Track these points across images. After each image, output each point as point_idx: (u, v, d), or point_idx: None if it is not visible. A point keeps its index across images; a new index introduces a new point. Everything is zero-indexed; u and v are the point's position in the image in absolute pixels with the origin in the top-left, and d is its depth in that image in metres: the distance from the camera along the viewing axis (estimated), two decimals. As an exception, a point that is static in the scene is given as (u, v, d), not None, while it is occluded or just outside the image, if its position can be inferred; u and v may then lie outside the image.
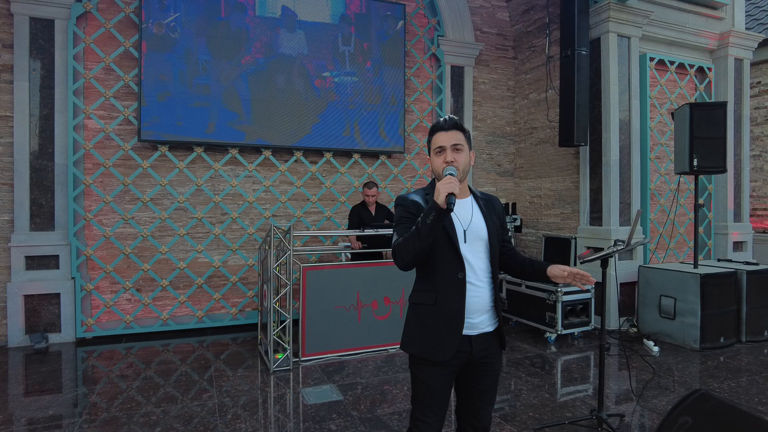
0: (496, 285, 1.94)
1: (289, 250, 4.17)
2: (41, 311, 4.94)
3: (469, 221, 1.89)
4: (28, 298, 4.88)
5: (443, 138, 1.86)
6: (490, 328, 1.90)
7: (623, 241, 3.16)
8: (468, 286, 1.84)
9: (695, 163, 4.76)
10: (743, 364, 4.40)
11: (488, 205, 1.99)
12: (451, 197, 1.66)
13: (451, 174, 1.75)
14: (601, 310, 3.12)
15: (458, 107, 6.70)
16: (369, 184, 5.23)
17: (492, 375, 1.93)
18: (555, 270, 1.91)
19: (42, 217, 4.96)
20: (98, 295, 5.14)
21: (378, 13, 6.05)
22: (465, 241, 1.86)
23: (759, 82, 7.77)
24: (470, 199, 1.96)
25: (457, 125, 1.88)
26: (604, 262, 2.99)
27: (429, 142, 1.95)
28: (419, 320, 1.90)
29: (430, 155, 1.94)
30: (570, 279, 1.88)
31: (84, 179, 5.10)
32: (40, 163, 4.95)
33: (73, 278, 5.01)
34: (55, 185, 4.98)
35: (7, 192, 4.91)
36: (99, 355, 4.83)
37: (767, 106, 7.74)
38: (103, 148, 5.19)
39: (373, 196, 5.22)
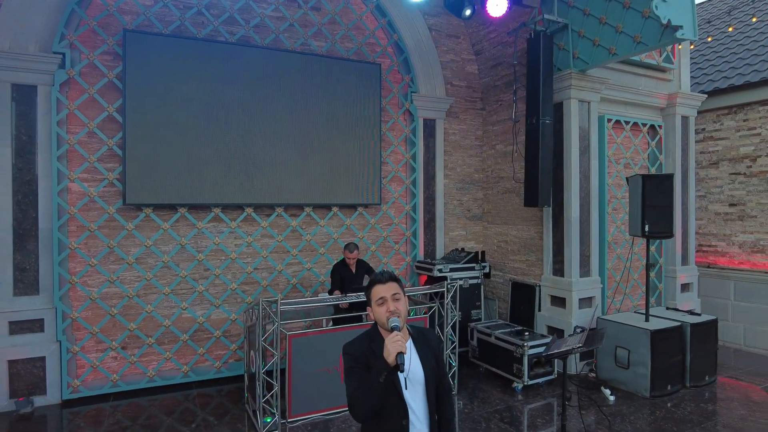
0: (433, 421, 2.10)
1: (277, 321, 4.42)
2: (26, 375, 4.99)
3: (408, 367, 1.96)
4: (12, 363, 4.93)
5: (383, 290, 2.06)
6: None
7: (582, 328, 3.56)
8: (411, 429, 2.02)
9: (647, 229, 5.27)
10: (688, 412, 4.91)
11: (423, 342, 2.16)
12: (401, 357, 1.84)
13: (397, 327, 1.95)
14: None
15: (430, 157, 7.07)
16: (350, 247, 5.51)
17: None
18: None
19: (26, 282, 5.02)
20: (84, 356, 5.24)
21: (355, 72, 6.33)
22: (406, 388, 2.01)
23: (704, 129, 8.44)
24: (409, 343, 2.09)
25: (393, 278, 2.12)
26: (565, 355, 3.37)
27: (368, 293, 2.12)
28: None
29: (371, 305, 2.11)
30: None
31: (69, 243, 5.19)
32: (24, 228, 5.00)
33: (58, 341, 5.10)
34: (40, 250, 5.04)
35: (-10, 258, 4.95)
36: (85, 415, 4.97)
37: (711, 151, 8.42)
38: (88, 210, 5.28)
39: (353, 258, 5.50)
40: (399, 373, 1.91)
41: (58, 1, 5.08)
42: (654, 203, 5.32)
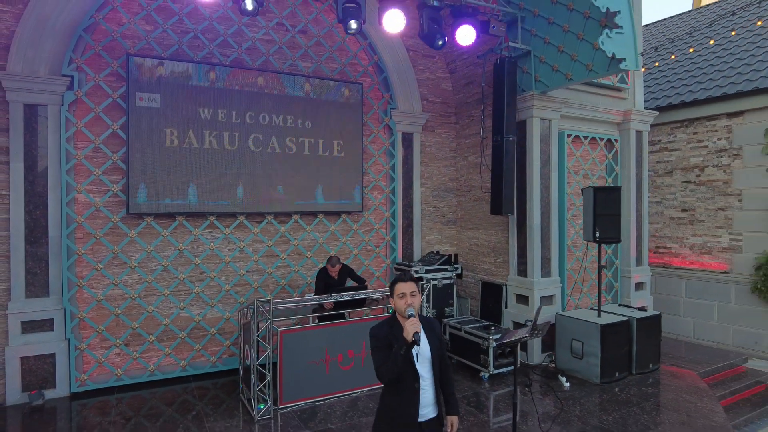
0: (437, 386, 2.83)
1: (269, 318, 4.98)
2: (37, 370, 5.45)
3: (420, 347, 2.69)
4: (25, 359, 5.38)
5: (404, 287, 2.74)
6: (432, 415, 2.81)
7: (531, 320, 4.20)
8: (421, 392, 2.73)
9: (597, 235, 5.96)
10: (630, 395, 5.62)
11: (429, 329, 2.83)
12: (417, 335, 2.56)
13: (412, 314, 2.64)
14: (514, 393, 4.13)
15: (408, 168, 7.69)
16: (332, 261, 6.07)
17: None
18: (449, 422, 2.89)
19: (37, 285, 5.49)
20: (90, 352, 5.73)
21: (338, 91, 6.92)
22: (418, 361, 2.71)
23: (660, 140, 9.23)
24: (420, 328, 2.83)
25: (412, 279, 2.81)
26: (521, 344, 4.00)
27: (392, 289, 2.79)
28: (389, 412, 2.79)
29: (393, 297, 2.77)
30: None
31: (76, 249, 5.67)
32: (35, 236, 5.46)
33: (67, 339, 5.57)
34: (49, 256, 5.51)
35: (3, 263, 5.40)
36: (92, 406, 5.44)
37: (666, 161, 9.20)
38: (94, 219, 5.77)
39: (335, 271, 6.08)
40: (414, 347, 2.61)
41: (67, 27, 5.56)
42: (604, 212, 6.02)
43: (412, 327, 2.57)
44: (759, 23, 7.62)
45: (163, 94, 5.90)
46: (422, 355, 2.75)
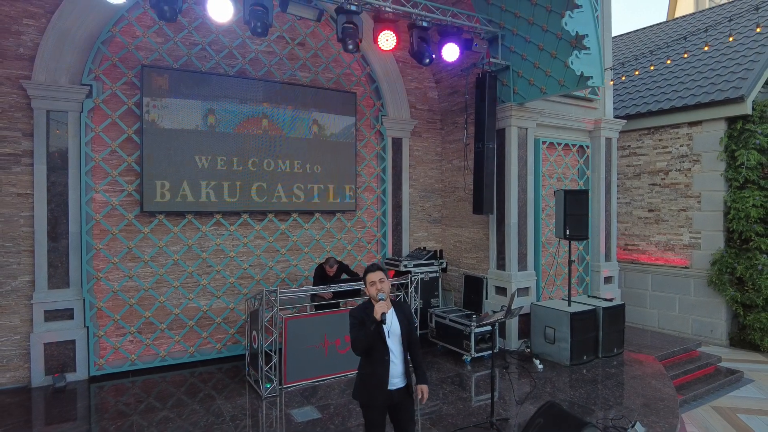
0: (406, 360, 3.38)
1: (276, 306, 5.56)
2: (59, 355, 5.95)
3: (390, 325, 3.31)
4: (48, 345, 5.87)
5: (373, 276, 3.32)
6: (401, 385, 3.34)
7: (504, 306, 4.85)
8: (390, 363, 3.29)
9: (568, 232, 6.66)
10: (596, 375, 6.33)
11: (401, 311, 3.41)
12: (384, 315, 3.19)
13: (382, 299, 3.23)
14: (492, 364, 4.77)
15: (398, 170, 8.31)
16: (330, 262, 6.64)
17: (407, 411, 3.39)
18: (419, 390, 3.43)
19: (58, 277, 5.98)
20: (107, 339, 6.24)
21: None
22: (389, 337, 3.29)
23: (629, 146, 10.01)
24: (391, 310, 3.38)
25: (380, 268, 3.39)
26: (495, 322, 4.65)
27: (364, 279, 3.36)
28: (364, 382, 3.37)
29: (366, 286, 3.35)
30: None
31: (94, 244, 6.17)
32: (57, 232, 5.95)
33: (86, 327, 6.08)
34: (70, 250, 6.00)
35: (27, 257, 5.88)
36: (109, 388, 5.95)
37: (635, 165, 9.98)
38: (110, 217, 6.27)
39: (332, 271, 6.64)
40: (383, 325, 3.23)
41: (86, 40, 6.04)
42: (574, 212, 6.71)
43: (380, 308, 3.16)
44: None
45: (172, 99, 6.42)
46: (393, 332, 3.33)
